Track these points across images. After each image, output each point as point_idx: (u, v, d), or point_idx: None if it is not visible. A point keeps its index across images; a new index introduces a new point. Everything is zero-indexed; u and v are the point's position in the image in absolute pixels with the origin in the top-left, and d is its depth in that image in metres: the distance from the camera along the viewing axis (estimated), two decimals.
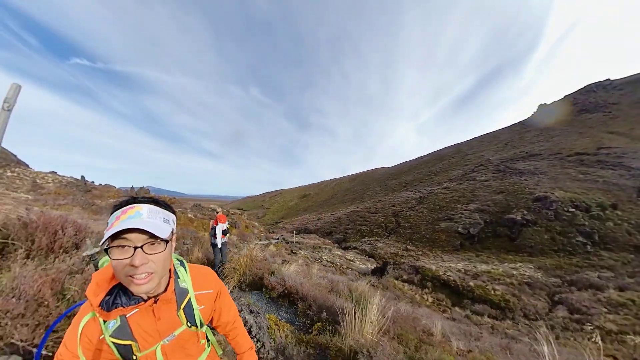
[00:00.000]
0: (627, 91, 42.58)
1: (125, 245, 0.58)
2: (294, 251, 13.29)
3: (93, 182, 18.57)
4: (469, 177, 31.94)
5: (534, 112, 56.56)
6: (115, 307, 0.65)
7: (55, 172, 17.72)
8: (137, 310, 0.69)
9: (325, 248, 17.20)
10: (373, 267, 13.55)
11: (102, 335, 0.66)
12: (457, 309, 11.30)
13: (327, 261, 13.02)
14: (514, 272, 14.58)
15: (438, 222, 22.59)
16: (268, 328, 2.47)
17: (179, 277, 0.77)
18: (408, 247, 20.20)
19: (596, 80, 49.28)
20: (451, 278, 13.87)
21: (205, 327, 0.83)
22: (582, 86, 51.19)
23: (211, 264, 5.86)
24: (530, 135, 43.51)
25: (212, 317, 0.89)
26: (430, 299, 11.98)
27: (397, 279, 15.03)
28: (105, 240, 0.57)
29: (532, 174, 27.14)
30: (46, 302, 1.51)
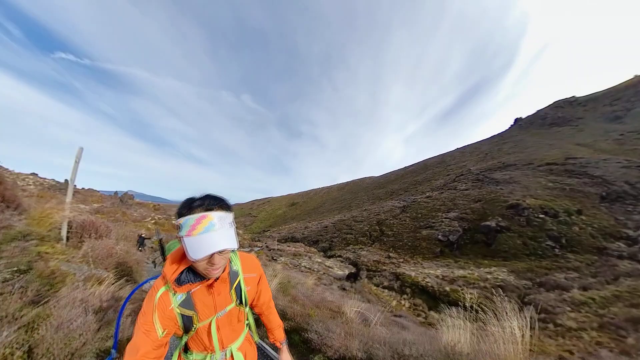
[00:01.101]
0: (590, 107, 46.32)
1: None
2: (274, 258, 13.40)
3: (75, 185, 18.12)
4: (451, 186, 33.22)
5: (511, 125, 60.04)
6: (185, 283, 0.81)
7: (37, 174, 17.22)
8: (199, 287, 0.83)
9: (307, 256, 17.33)
10: (347, 273, 13.81)
11: (172, 306, 0.79)
12: (432, 313, 11.65)
13: (306, 267, 13.18)
14: (488, 276, 15.19)
15: (420, 230, 23.25)
16: None
17: (232, 261, 0.91)
18: (390, 254, 20.60)
19: (563, 97, 53.38)
20: (429, 284, 14.30)
21: (248, 307, 0.98)
22: (552, 102, 55.23)
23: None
24: (507, 147, 46.04)
25: (254, 298, 1.02)
26: (408, 304, 12.29)
27: (378, 285, 15.30)
28: (192, 256, 0.70)
29: (508, 183, 28.62)
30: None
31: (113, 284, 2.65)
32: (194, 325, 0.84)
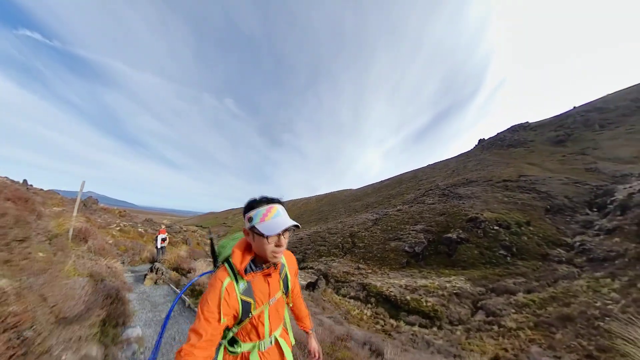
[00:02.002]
0: (539, 132, 52.40)
1: (275, 235, 0.86)
2: None
3: (32, 184, 16.53)
4: (420, 200, 35.11)
5: (475, 145, 65.53)
6: (249, 272, 0.92)
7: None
8: (259, 276, 0.94)
9: None
10: (307, 283, 14.05)
11: (235, 293, 0.88)
12: (392, 320, 12.11)
13: None
14: (447, 285, 16.13)
15: (389, 242, 24.14)
16: None
17: None
18: (360, 265, 21.07)
19: (518, 122, 60.02)
20: (392, 293, 14.86)
21: (288, 296, 1.11)
22: (509, 126, 61.66)
23: (155, 259, 8.72)
24: (471, 164, 49.99)
25: (292, 289, 1.15)
26: (369, 313, 12.66)
27: (345, 295, 15.59)
28: (269, 232, 0.84)
29: (469, 198, 30.94)
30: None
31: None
32: (251, 313, 0.93)
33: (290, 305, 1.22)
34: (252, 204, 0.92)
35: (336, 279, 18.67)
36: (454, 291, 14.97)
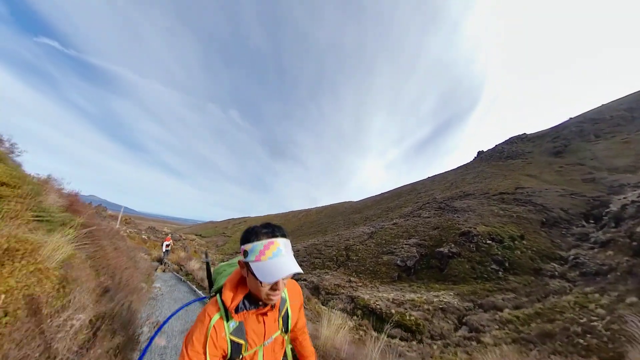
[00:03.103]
0: (537, 143, 52.53)
1: None
2: None
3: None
4: (416, 214, 35.18)
5: (474, 157, 65.67)
6: (242, 311, 0.81)
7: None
8: (253, 315, 0.83)
9: None
10: None
11: (224, 334, 0.78)
12: (374, 332, 12.20)
13: None
14: (435, 299, 16.10)
15: (381, 256, 24.20)
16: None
17: None
18: (351, 278, 21.14)
19: (516, 134, 60.40)
20: (378, 306, 14.95)
21: (288, 334, 0.97)
22: (507, 138, 61.94)
23: (161, 259, 12.24)
24: (470, 177, 50.02)
25: (294, 324, 1.01)
26: (352, 324, 12.78)
27: (333, 307, 15.72)
28: (264, 279, 0.72)
29: (464, 211, 30.94)
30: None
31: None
32: (241, 355, 0.83)
33: (288, 343, 1.05)
34: (249, 236, 0.80)
35: (327, 291, 18.79)
36: (440, 306, 14.97)
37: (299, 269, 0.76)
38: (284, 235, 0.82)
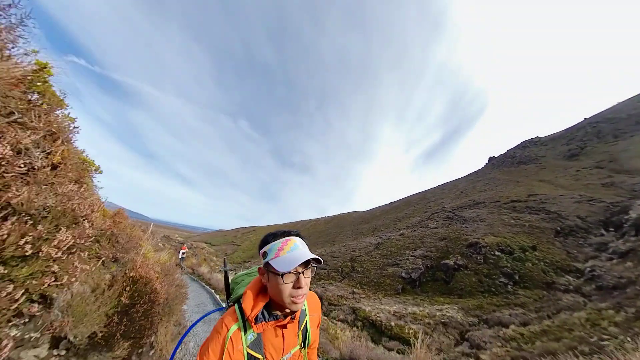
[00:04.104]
0: (550, 146, 50.53)
1: (292, 272, 0.75)
2: None
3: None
4: (423, 224, 34.57)
5: (485, 164, 63.89)
6: (261, 322, 0.79)
7: None
8: (271, 327, 0.81)
9: None
10: None
11: (241, 346, 0.76)
12: (372, 344, 12.17)
13: None
14: (437, 313, 15.76)
15: (386, 267, 23.95)
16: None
17: None
18: (355, 290, 21.06)
19: (528, 137, 58.39)
20: (379, 318, 14.87)
21: (306, 350, 0.94)
22: (519, 142, 60.01)
23: (177, 264, 12.53)
24: (480, 185, 48.65)
25: (313, 341, 0.98)
26: (350, 334, 12.85)
27: (334, 318, 15.87)
28: (283, 268, 0.74)
29: (474, 221, 30.14)
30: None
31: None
32: None
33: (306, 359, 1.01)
34: (267, 238, 0.84)
35: (330, 302, 18.85)
36: (442, 320, 14.66)
37: (319, 257, 0.78)
38: (299, 235, 0.86)
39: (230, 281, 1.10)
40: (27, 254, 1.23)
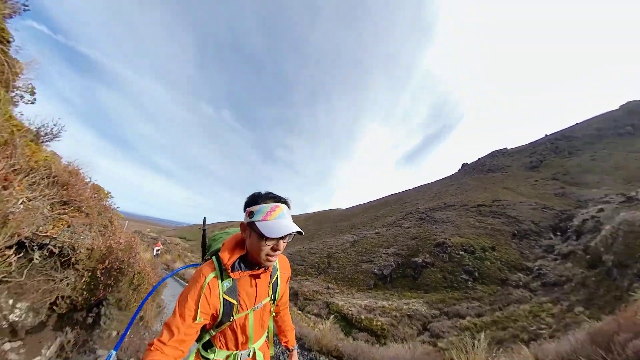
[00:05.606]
0: (516, 157, 55.22)
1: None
2: None
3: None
4: (398, 224, 36.33)
5: (459, 169, 68.01)
6: (237, 270, 0.85)
7: None
8: (246, 276, 0.87)
9: None
10: None
11: (218, 291, 0.82)
12: (342, 335, 12.94)
13: None
14: (404, 307, 16.95)
15: (361, 264, 25.03)
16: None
17: None
18: (330, 285, 21.84)
19: (498, 148, 63.29)
20: (350, 312, 15.70)
21: (275, 303, 1.02)
22: (489, 152, 64.75)
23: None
24: (453, 189, 51.87)
25: (281, 296, 1.07)
26: (322, 327, 13.54)
27: (309, 312, 16.47)
28: (270, 234, 0.79)
29: (443, 222, 32.24)
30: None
31: None
32: (232, 316, 0.85)
33: (274, 314, 1.10)
34: (256, 198, 0.87)
35: (305, 297, 19.43)
36: (408, 313, 15.82)
37: (299, 229, 0.85)
38: (286, 203, 0.91)
39: (207, 239, 1.18)
40: None
